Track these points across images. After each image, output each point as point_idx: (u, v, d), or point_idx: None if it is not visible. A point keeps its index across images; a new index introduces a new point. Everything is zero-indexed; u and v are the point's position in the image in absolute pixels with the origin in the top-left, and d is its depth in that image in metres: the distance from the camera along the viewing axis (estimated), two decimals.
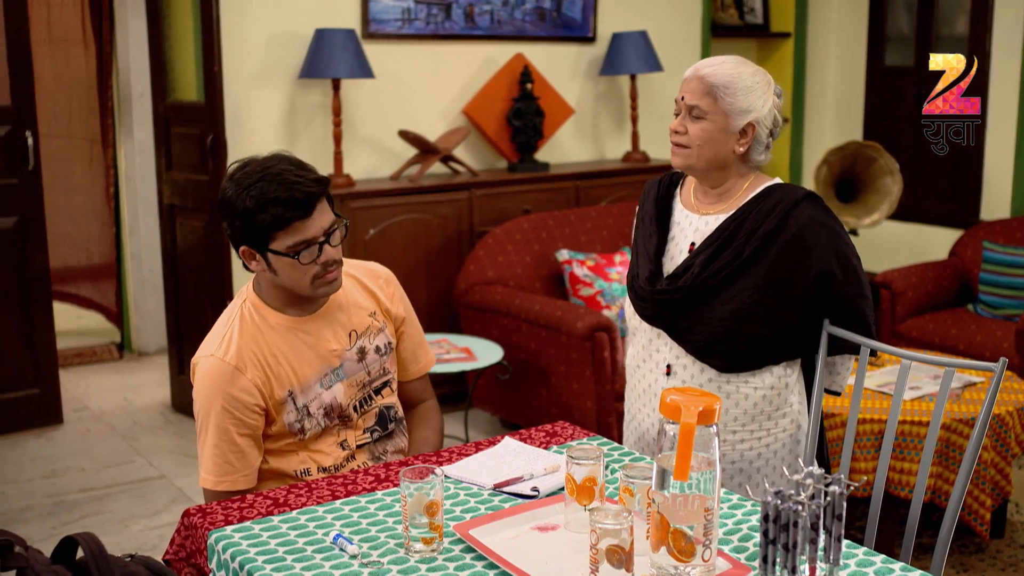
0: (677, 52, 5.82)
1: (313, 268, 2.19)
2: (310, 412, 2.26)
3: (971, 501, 3.34)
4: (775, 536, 1.60)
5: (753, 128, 2.26)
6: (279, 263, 2.19)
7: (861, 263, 2.32)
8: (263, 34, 4.69)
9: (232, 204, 2.17)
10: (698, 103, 2.25)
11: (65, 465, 4.36)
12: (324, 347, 2.29)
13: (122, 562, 1.74)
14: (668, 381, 2.34)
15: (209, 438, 2.22)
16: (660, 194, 2.44)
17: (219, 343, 2.24)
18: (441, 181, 4.89)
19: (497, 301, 4.43)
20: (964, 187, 5.73)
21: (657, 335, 2.36)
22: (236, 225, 2.18)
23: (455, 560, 1.77)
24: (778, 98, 2.30)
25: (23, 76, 4.58)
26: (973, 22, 5.64)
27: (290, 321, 2.28)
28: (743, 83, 2.24)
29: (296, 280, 2.21)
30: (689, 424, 1.61)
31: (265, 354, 2.23)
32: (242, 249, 2.22)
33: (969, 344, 4.59)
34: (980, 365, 2.09)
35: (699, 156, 2.27)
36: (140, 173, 5.84)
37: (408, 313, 2.48)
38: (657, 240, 2.38)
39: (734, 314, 2.24)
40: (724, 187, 2.33)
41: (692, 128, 2.27)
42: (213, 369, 2.21)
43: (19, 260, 4.63)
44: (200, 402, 2.24)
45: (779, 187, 2.31)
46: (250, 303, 2.29)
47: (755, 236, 2.24)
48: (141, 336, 6.00)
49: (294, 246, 2.16)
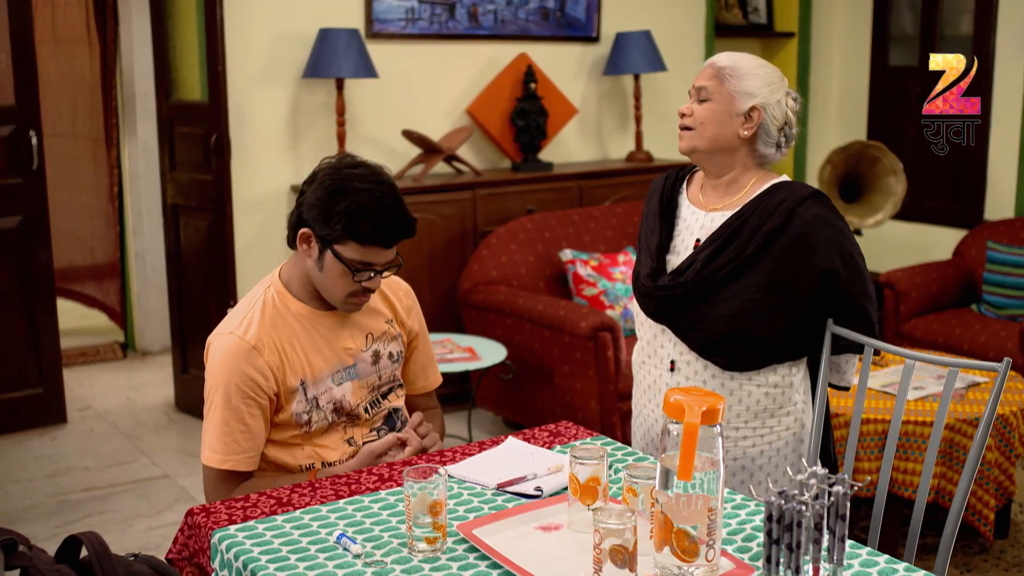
0: (681, 52, 5.82)
1: (356, 286, 2.23)
2: (319, 405, 2.27)
3: (975, 501, 3.34)
4: (779, 536, 1.60)
5: (759, 113, 2.27)
6: (332, 265, 2.21)
7: (865, 262, 2.32)
8: (267, 34, 4.69)
9: (331, 192, 2.18)
10: (705, 84, 2.29)
11: (69, 464, 4.37)
12: (340, 344, 2.31)
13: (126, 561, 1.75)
14: (672, 377, 2.34)
15: (218, 415, 2.21)
16: (666, 190, 2.45)
17: (239, 322, 2.26)
18: (445, 181, 4.90)
19: (501, 301, 4.43)
20: (968, 187, 5.73)
21: (661, 331, 2.36)
22: (320, 209, 2.19)
23: (458, 560, 1.77)
24: (794, 101, 2.32)
25: (27, 76, 4.58)
26: (977, 22, 5.63)
27: (311, 313, 2.30)
28: (749, 68, 2.28)
29: (333, 287, 2.24)
30: (693, 424, 1.60)
31: (283, 340, 2.25)
32: (304, 231, 2.23)
33: (973, 344, 4.59)
34: (984, 365, 2.09)
35: (702, 135, 2.30)
36: (144, 173, 5.84)
37: (422, 330, 2.51)
38: (660, 236, 2.39)
39: (737, 311, 2.24)
40: (729, 178, 2.33)
41: (698, 109, 2.31)
42: (231, 346, 2.22)
43: (23, 259, 4.63)
44: (213, 378, 2.24)
45: (785, 184, 2.31)
46: (275, 289, 2.32)
47: (759, 233, 2.24)
48: (145, 336, 6.00)
49: (357, 262, 2.20)
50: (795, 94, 2.34)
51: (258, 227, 4.78)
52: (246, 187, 4.71)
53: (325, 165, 2.25)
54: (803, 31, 6.42)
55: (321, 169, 2.24)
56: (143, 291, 5.97)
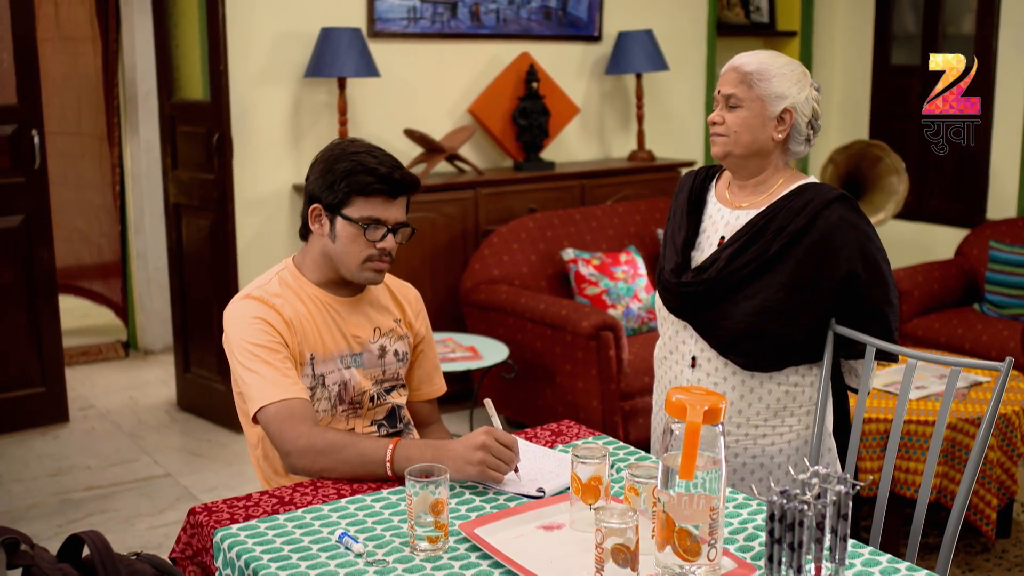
0: (683, 51, 5.82)
1: (371, 249, 2.25)
2: (325, 383, 2.28)
3: (977, 501, 3.34)
4: (781, 535, 1.59)
5: (791, 115, 2.27)
6: (344, 230, 2.24)
7: (891, 268, 2.31)
8: (269, 33, 4.69)
9: (331, 161, 2.26)
10: (734, 91, 2.27)
11: (71, 463, 4.37)
12: (350, 330, 2.32)
13: (128, 560, 1.74)
14: (693, 374, 2.34)
15: (254, 367, 2.17)
16: (695, 187, 2.45)
17: (254, 288, 2.29)
18: (446, 180, 4.90)
19: (502, 300, 4.43)
20: (970, 186, 5.72)
21: (683, 327, 2.37)
22: (323, 179, 2.25)
23: (460, 559, 1.77)
24: (816, 91, 2.31)
25: (29, 75, 4.58)
26: (980, 21, 5.62)
27: (325, 295, 2.32)
28: (776, 69, 2.26)
29: (349, 254, 2.26)
30: (694, 423, 1.60)
31: (298, 313, 2.27)
32: (313, 208, 2.27)
33: (975, 343, 4.58)
34: (986, 364, 2.09)
35: (737, 142, 2.28)
36: (146, 172, 5.85)
37: (428, 335, 2.52)
38: (686, 232, 2.39)
39: (757, 310, 2.24)
40: (760, 178, 2.33)
41: (729, 117, 2.28)
42: (249, 304, 2.24)
43: (25, 258, 4.64)
44: (237, 339, 2.21)
45: (812, 186, 2.31)
46: (289, 272, 2.34)
47: (783, 234, 2.24)
48: (147, 334, 6.01)
49: (367, 218, 2.23)
50: (816, 83, 2.33)
51: (260, 226, 4.79)
52: (248, 186, 4.72)
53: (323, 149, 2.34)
54: (805, 30, 6.42)
55: (326, 150, 2.33)
56: (145, 290, 5.97)
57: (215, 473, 4.25)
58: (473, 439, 2.03)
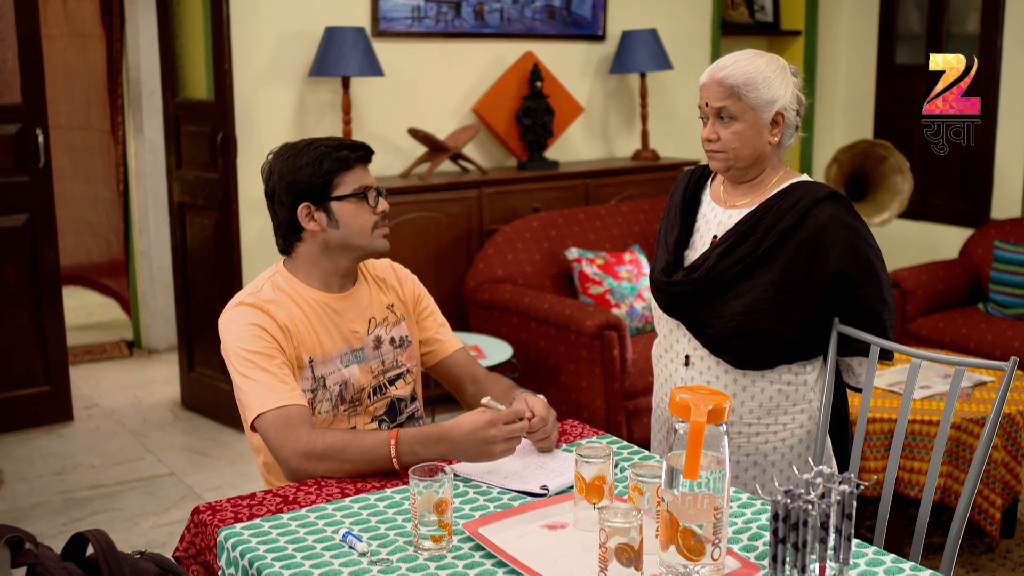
0: (687, 50, 5.81)
1: (373, 215, 2.29)
2: (326, 384, 2.28)
3: (981, 501, 3.33)
4: (785, 535, 1.59)
5: (783, 116, 2.26)
6: (344, 210, 2.26)
7: (885, 266, 2.30)
8: (273, 32, 4.69)
9: (287, 167, 2.27)
10: (724, 105, 2.24)
11: (75, 462, 4.38)
12: (348, 327, 2.32)
13: (132, 559, 1.75)
14: (687, 372, 2.34)
15: (250, 373, 2.17)
16: (690, 186, 2.44)
17: (246, 295, 2.29)
18: (450, 179, 4.90)
19: (506, 299, 4.43)
20: (975, 185, 5.72)
21: (676, 326, 2.37)
22: (293, 185, 2.26)
23: (464, 558, 1.77)
24: (796, 77, 2.30)
25: (34, 75, 4.59)
26: (984, 20, 5.61)
27: (320, 296, 2.31)
28: (762, 75, 2.23)
29: (359, 226, 2.28)
30: (698, 423, 1.60)
31: (293, 318, 2.26)
32: (301, 208, 2.27)
33: (979, 343, 4.58)
34: (990, 364, 2.09)
35: (737, 157, 2.27)
36: (150, 171, 5.85)
37: (425, 295, 2.52)
38: (679, 232, 2.39)
39: (747, 309, 2.24)
40: (757, 180, 2.33)
41: (724, 133, 2.26)
42: (243, 311, 2.24)
43: (30, 257, 4.64)
44: (234, 345, 2.20)
45: (803, 184, 2.30)
46: (280, 276, 2.34)
47: (772, 232, 2.24)
48: (151, 333, 6.01)
49: (359, 187, 2.27)
50: (794, 68, 2.30)
51: (264, 225, 4.79)
52: (252, 185, 4.71)
53: (264, 166, 2.34)
54: (809, 29, 6.41)
55: (265, 168, 2.33)
56: (149, 289, 5.97)
57: (219, 472, 4.26)
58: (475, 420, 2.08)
